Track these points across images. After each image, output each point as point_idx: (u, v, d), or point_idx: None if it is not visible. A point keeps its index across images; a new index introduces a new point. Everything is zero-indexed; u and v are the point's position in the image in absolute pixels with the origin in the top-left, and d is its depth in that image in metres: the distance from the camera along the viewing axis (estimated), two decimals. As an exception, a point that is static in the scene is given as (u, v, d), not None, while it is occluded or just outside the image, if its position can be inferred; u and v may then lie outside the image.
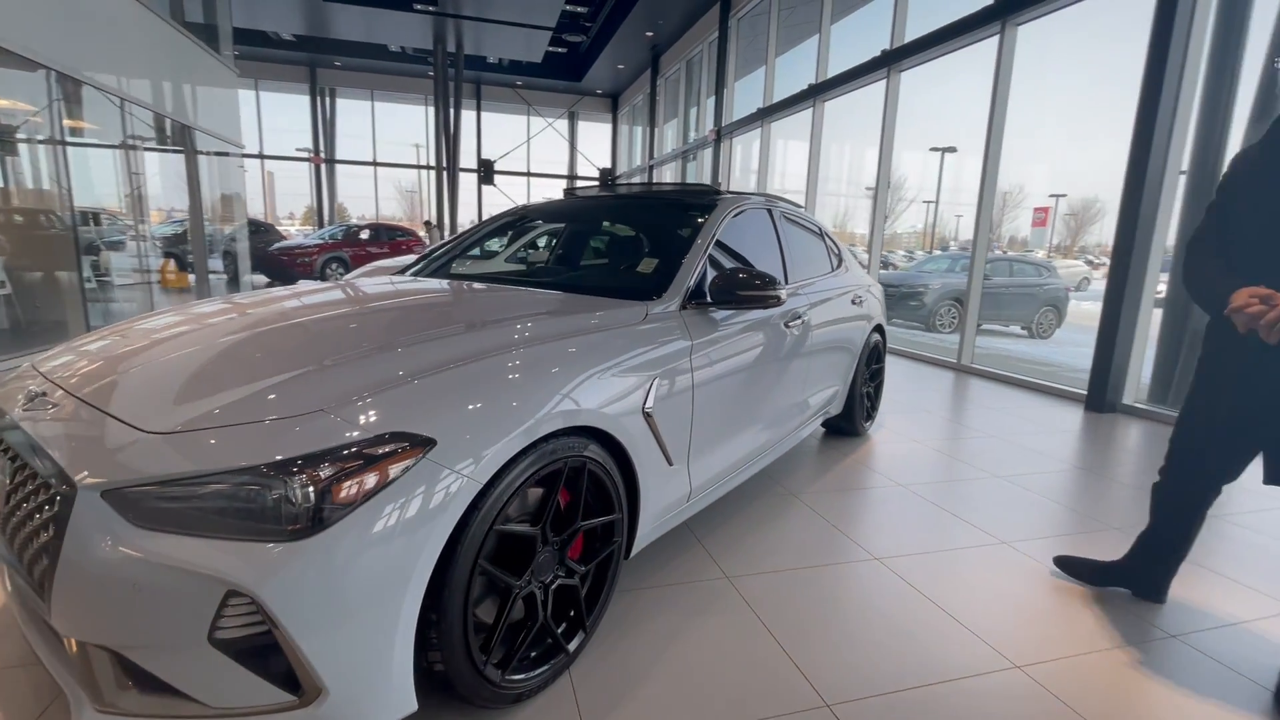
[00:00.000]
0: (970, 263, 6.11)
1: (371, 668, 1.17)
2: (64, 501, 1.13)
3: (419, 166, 18.73)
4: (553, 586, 1.53)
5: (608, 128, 19.59)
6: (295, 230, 20.72)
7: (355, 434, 1.17)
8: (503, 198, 18.55)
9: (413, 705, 1.24)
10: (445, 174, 14.39)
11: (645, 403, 1.74)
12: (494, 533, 1.32)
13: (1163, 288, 4.85)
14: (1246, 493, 2.90)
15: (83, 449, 1.19)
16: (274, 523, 1.08)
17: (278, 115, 18.76)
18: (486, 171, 17.18)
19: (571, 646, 1.59)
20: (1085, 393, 4.82)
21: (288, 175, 19.59)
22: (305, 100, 17.81)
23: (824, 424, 3.60)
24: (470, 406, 1.32)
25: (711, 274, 2.19)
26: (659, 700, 1.52)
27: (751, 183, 11.70)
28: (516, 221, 3.18)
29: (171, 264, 9.49)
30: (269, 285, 12.98)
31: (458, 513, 1.24)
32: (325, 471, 1.11)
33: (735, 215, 2.55)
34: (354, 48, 15.12)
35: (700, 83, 13.06)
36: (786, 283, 2.77)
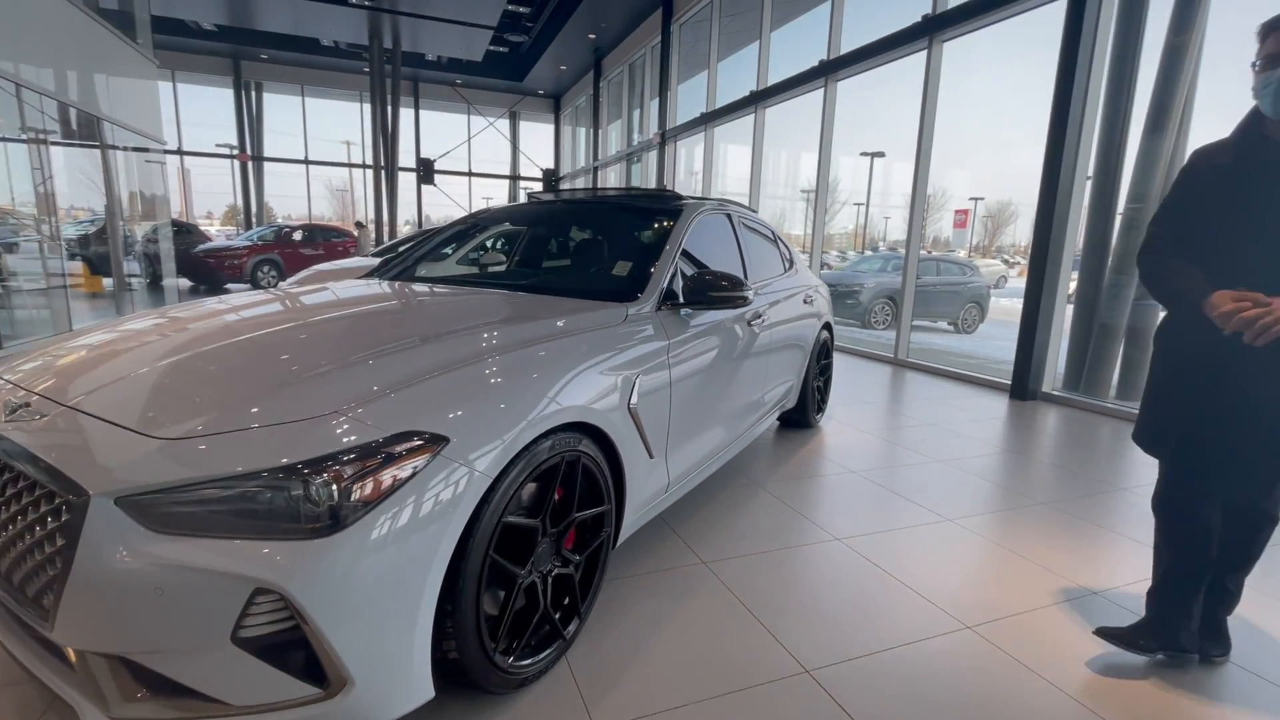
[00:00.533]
0: (904, 263, 6.50)
1: (394, 657, 1.22)
2: (75, 511, 1.12)
3: (355, 165, 18.10)
4: (551, 576, 1.61)
5: (550, 128, 19.49)
6: (216, 231, 19.64)
7: (374, 434, 1.22)
8: (443, 198, 18.19)
9: (430, 693, 1.30)
10: (384, 173, 13.99)
11: (630, 399, 1.84)
12: (502, 525, 1.39)
13: (1073, 285, 5.32)
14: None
15: (89, 457, 1.18)
16: (300, 521, 1.12)
17: (196, 109, 17.75)
18: (426, 171, 16.79)
19: (569, 632, 1.67)
20: (1009, 382, 5.24)
21: (206, 173, 18.56)
22: (228, 94, 16.90)
23: (779, 417, 3.79)
24: (478, 405, 1.38)
25: (682, 276, 2.32)
26: (652, 677, 1.63)
27: (696, 185, 11.96)
28: (487, 224, 3.21)
29: (81, 267, 8.87)
30: (193, 290, 12.29)
31: (471, 505, 1.30)
32: (348, 470, 1.16)
33: (699, 220, 2.68)
34: (282, 40, 14.48)
35: (644, 85, 13.22)
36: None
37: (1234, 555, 1.72)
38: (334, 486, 1.14)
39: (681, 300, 2.23)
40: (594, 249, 2.75)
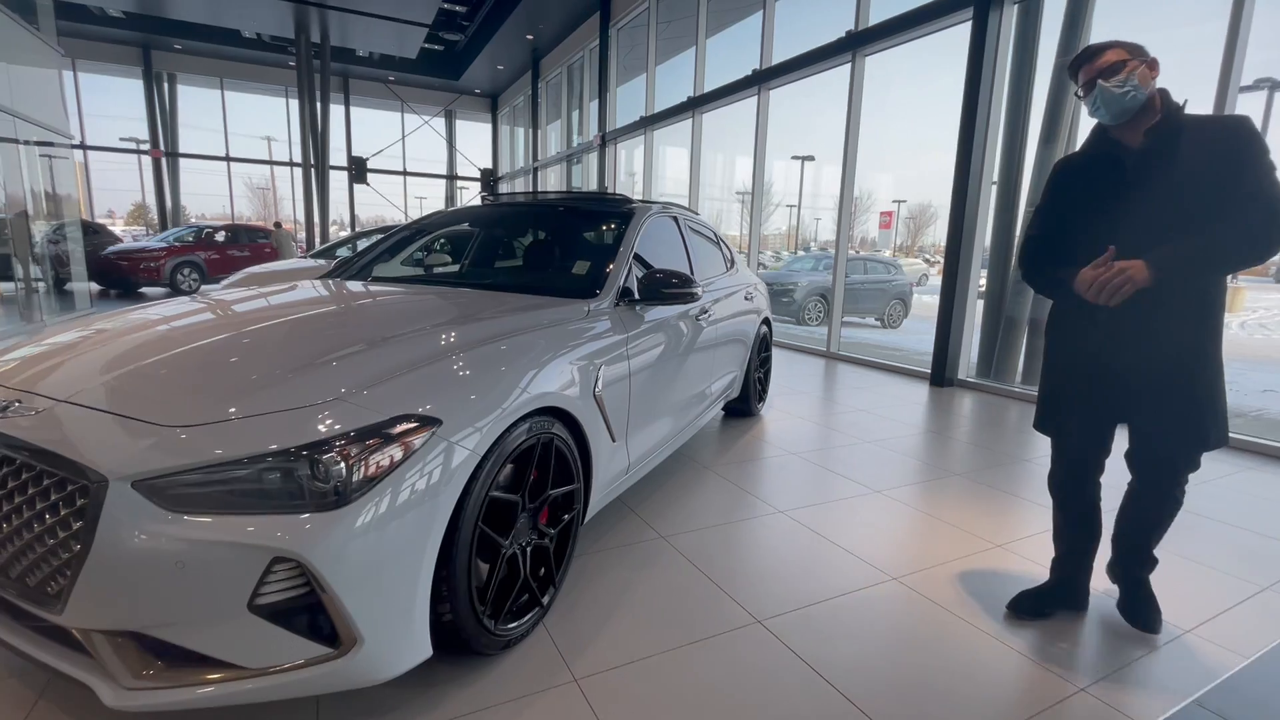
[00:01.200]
0: (834, 263, 6.93)
1: (398, 618, 1.35)
2: (93, 496, 1.20)
3: (280, 163, 17.33)
4: (529, 548, 1.76)
5: (488, 127, 19.27)
6: (122, 231, 18.38)
7: (374, 416, 1.34)
8: (377, 197, 17.70)
9: (429, 651, 1.43)
10: (314, 171, 13.52)
11: (595, 386, 2.01)
12: (488, 499, 1.54)
13: (983, 282, 5.84)
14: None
15: (102, 445, 1.25)
16: (314, 496, 1.24)
17: (99, 100, 16.57)
18: (358, 170, 16.31)
19: (545, 600, 1.83)
20: (929, 371, 5.71)
21: (108, 169, 17.32)
22: (135, 85, 15.84)
23: (724, 407, 4.04)
24: (465, 391, 1.53)
25: (635, 275, 2.50)
26: (622, 635, 1.81)
27: (635, 186, 12.18)
28: (448, 224, 3.30)
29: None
30: (103, 295, 11.51)
31: (463, 480, 1.44)
32: (355, 448, 1.28)
33: (649, 222, 2.87)
34: (198, 30, 13.73)
35: (583, 87, 13.34)
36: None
37: (1147, 523, 1.88)
38: (343, 464, 1.26)
39: (637, 297, 2.42)
40: (554, 249, 2.90)
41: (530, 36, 13.14)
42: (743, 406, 4.10)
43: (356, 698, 1.51)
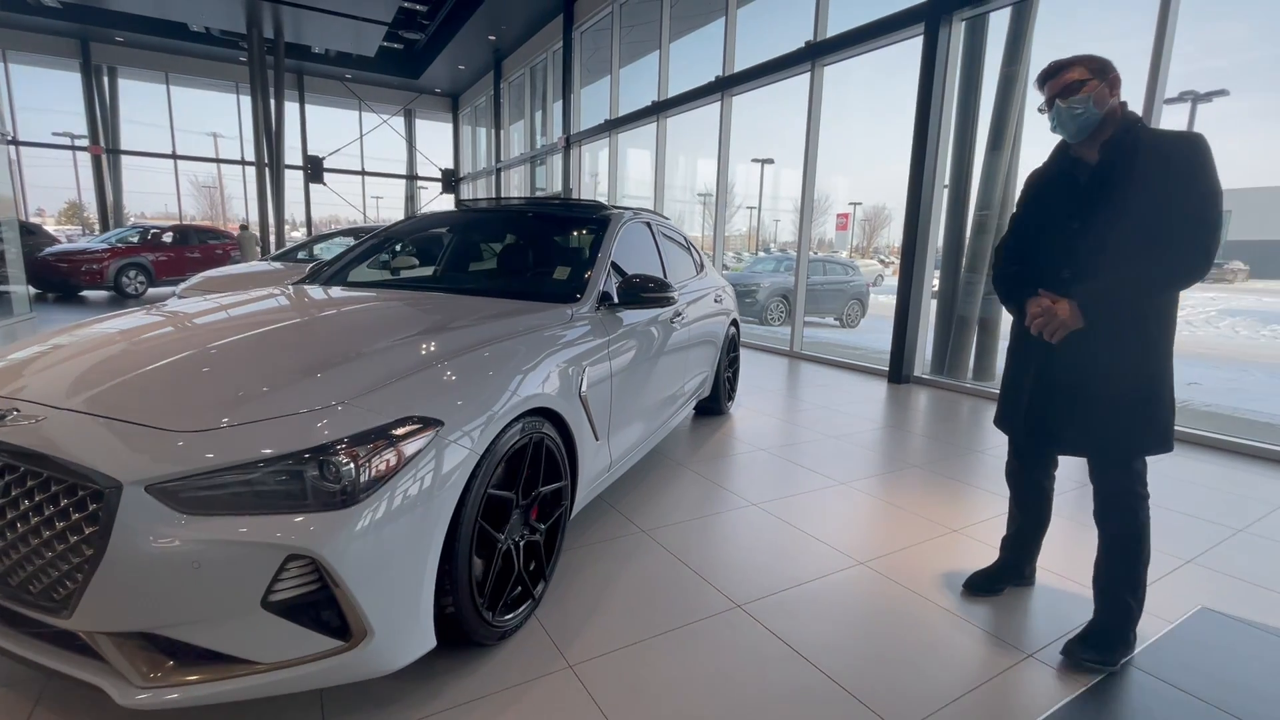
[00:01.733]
0: (796, 265, 7.16)
1: (406, 610, 1.41)
2: (107, 500, 1.23)
3: (231, 161, 16.76)
4: (522, 543, 1.84)
5: (448, 127, 19.04)
6: (56, 231, 17.47)
7: (380, 418, 1.41)
8: (334, 197, 17.30)
9: (433, 642, 1.50)
10: (268, 170, 13.14)
11: (581, 388, 2.10)
12: (486, 495, 1.61)
13: (936, 283, 6.13)
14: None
15: (112, 451, 1.28)
16: (325, 495, 1.29)
17: (30, 93, 15.76)
18: (314, 169, 15.93)
19: (537, 592, 1.91)
20: (887, 369, 5.97)
21: (39, 165, 16.44)
22: (72, 78, 15.10)
23: (695, 406, 4.17)
24: (464, 393, 1.60)
25: (613, 279, 2.60)
26: (611, 623, 1.90)
27: (600, 188, 12.26)
28: (426, 229, 3.33)
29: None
30: (40, 298, 10.96)
31: (464, 478, 1.52)
32: (363, 449, 1.34)
33: (625, 228, 2.97)
34: (142, 23, 13.19)
35: (546, 89, 13.34)
36: (667, 285, 3.26)
37: (1121, 554, 1.82)
38: (353, 464, 1.32)
39: (616, 301, 2.51)
40: (534, 254, 2.97)
41: (492, 37, 13.07)
42: (713, 405, 4.24)
43: (360, 690, 1.57)
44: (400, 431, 1.42)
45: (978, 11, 5.30)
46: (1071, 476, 3.13)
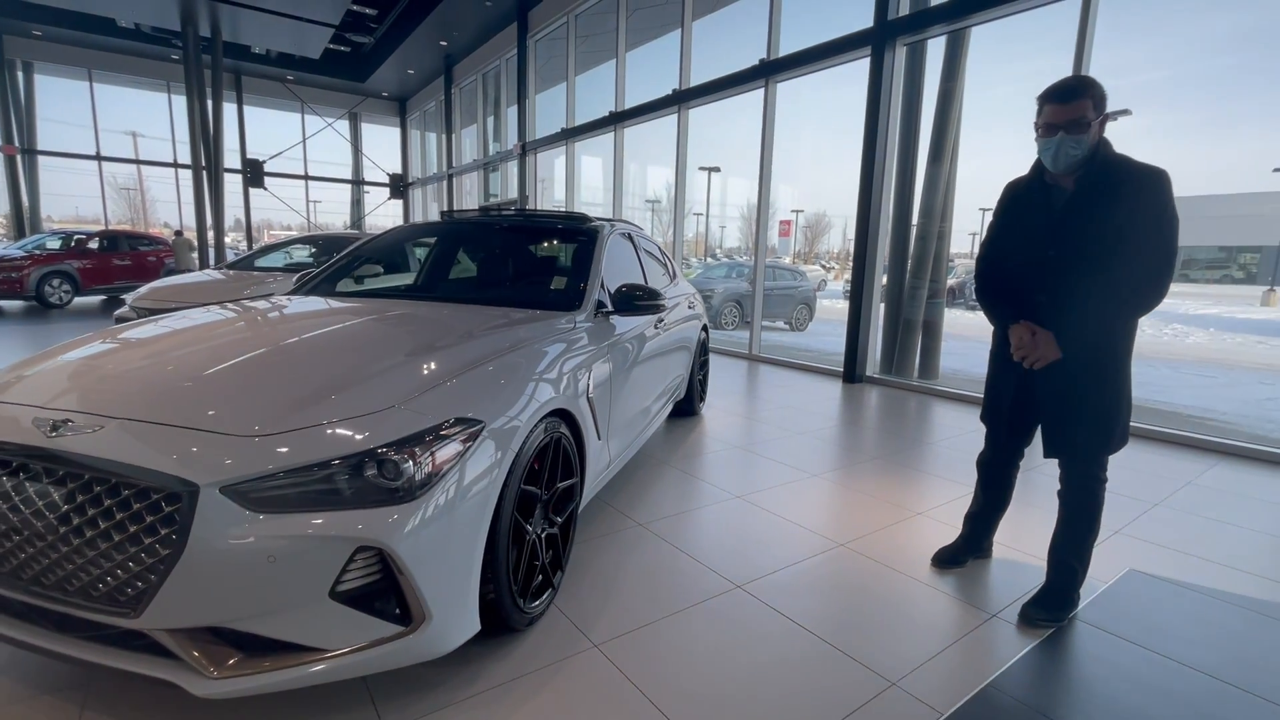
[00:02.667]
0: (754, 271, 7.48)
1: (458, 596, 1.53)
2: (185, 503, 1.30)
3: (165, 164, 15.90)
4: (543, 535, 1.98)
5: (396, 131, 18.67)
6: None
7: (432, 420, 1.53)
8: (275, 202, 16.69)
9: (478, 626, 1.62)
10: (206, 174, 12.61)
11: (588, 390, 2.25)
12: (520, 490, 1.75)
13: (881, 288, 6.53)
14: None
15: (184, 456, 1.35)
16: (389, 491, 1.41)
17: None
18: (254, 173, 15.36)
19: (556, 581, 2.05)
20: (841, 369, 6.33)
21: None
22: (-20, 72, 14.05)
23: (673, 407, 4.35)
24: (498, 395, 1.73)
25: (604, 288, 2.76)
26: (626, 608, 2.06)
27: (556, 193, 12.34)
28: (419, 239, 3.39)
29: None
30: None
31: (504, 474, 1.65)
32: (419, 448, 1.46)
33: (611, 240, 3.14)
34: (63, 16, 12.43)
35: (500, 95, 13.32)
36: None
37: (1076, 529, 2.07)
38: (411, 462, 1.44)
39: (610, 309, 2.68)
40: (531, 265, 3.10)
41: (444, 43, 12.97)
42: (687, 406, 4.44)
43: (405, 676, 1.67)
44: (449, 431, 1.54)
45: (918, 38, 5.74)
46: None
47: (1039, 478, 3.34)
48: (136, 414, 1.47)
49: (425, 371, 1.72)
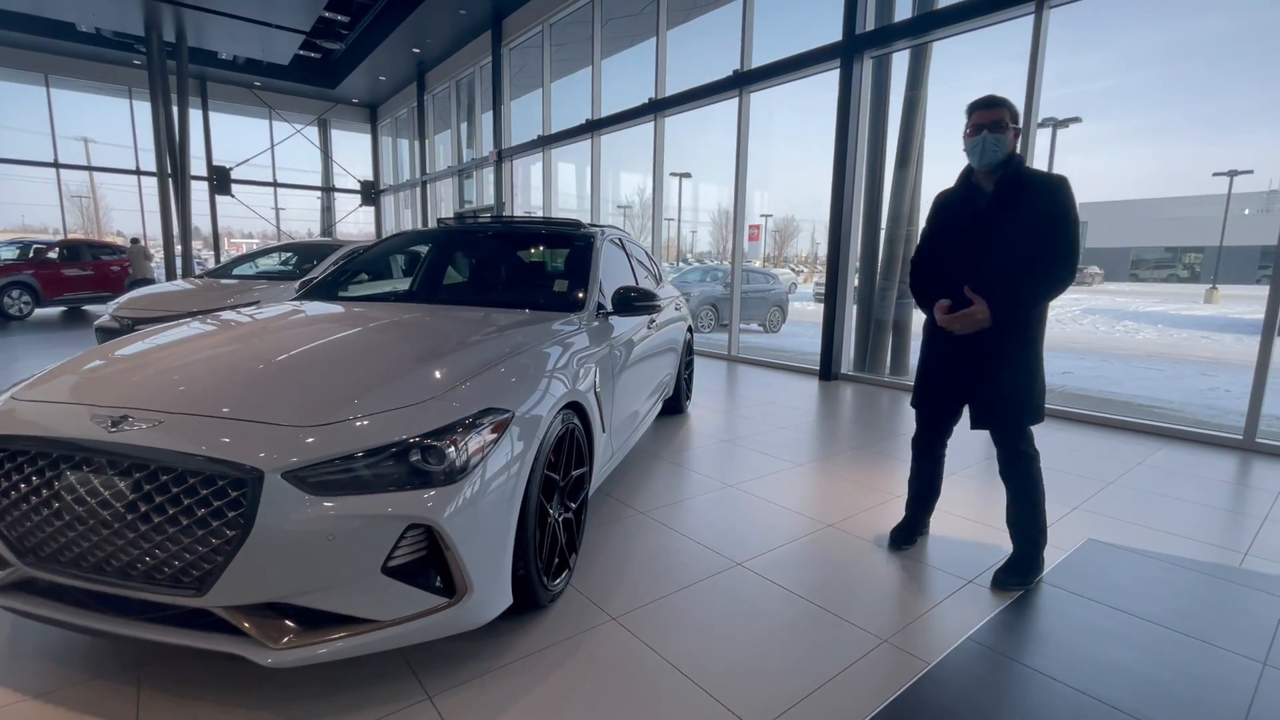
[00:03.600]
0: (732, 275, 7.71)
1: (494, 571, 1.67)
2: (250, 489, 1.42)
3: (127, 171, 15.49)
4: (560, 519, 2.12)
5: (366, 138, 18.51)
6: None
7: (468, 410, 1.67)
8: (237, 210, 16.40)
9: (510, 600, 1.76)
10: (172, 182, 12.37)
11: (595, 385, 2.41)
12: (544, 475, 1.89)
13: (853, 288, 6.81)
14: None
15: (247, 446, 1.47)
16: (433, 474, 1.54)
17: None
18: (220, 180, 15.10)
19: (572, 563, 2.19)
20: (818, 368, 6.59)
21: None
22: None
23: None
24: (522, 389, 1.88)
25: (602, 290, 2.92)
26: (637, 585, 2.21)
27: (533, 198, 12.44)
28: (422, 244, 3.51)
29: None
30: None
31: (530, 460, 1.79)
32: (460, 435, 1.60)
33: (605, 245, 3.30)
34: (18, 20, 12.07)
35: (474, 102, 13.37)
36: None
37: (1023, 501, 2.30)
38: (453, 447, 1.58)
39: (610, 309, 2.84)
40: (534, 270, 3.25)
41: (417, 50, 12.98)
42: (675, 404, 4.61)
43: (440, 649, 1.80)
44: (483, 420, 1.68)
45: (884, 51, 6.04)
46: (977, 450, 3.74)
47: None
48: (192, 409, 1.57)
49: (453, 367, 1.85)
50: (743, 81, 7.08)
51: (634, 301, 2.81)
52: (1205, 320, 16.43)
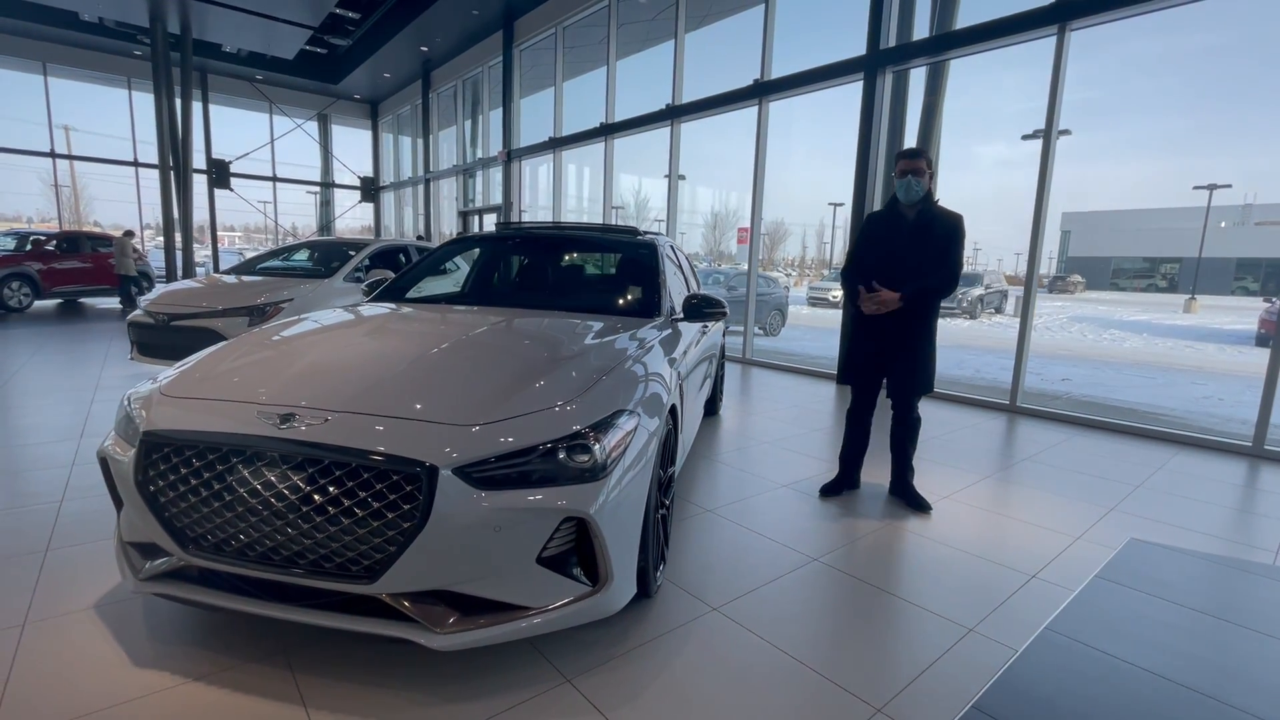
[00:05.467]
0: (748, 280, 7.88)
1: (627, 562, 1.79)
2: (426, 483, 1.52)
3: (125, 163, 15.26)
4: (661, 513, 2.24)
5: (367, 134, 18.40)
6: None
7: (604, 411, 1.78)
8: (230, 204, 16.23)
9: (634, 590, 1.88)
10: (174, 174, 12.26)
11: (680, 387, 2.53)
12: (657, 473, 2.01)
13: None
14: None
15: (420, 443, 1.56)
16: (583, 470, 1.65)
17: None
18: (220, 174, 14.95)
19: (666, 555, 2.32)
20: (835, 372, 6.76)
21: None
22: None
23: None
24: (641, 391, 2.00)
25: (671, 295, 3.05)
26: (727, 579, 2.34)
27: (540, 199, 12.51)
28: (497, 247, 3.63)
29: None
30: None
31: (655, 457, 1.92)
32: (603, 434, 1.72)
33: (665, 252, 3.42)
34: (19, 7, 11.89)
35: (480, 101, 13.40)
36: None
37: (905, 445, 3.15)
38: (598, 445, 1.69)
39: (681, 316, 2.96)
40: (603, 275, 3.36)
41: (425, 48, 12.98)
42: (710, 405, 4.75)
43: (562, 636, 1.91)
44: (619, 421, 1.80)
45: (904, 67, 6.24)
46: (1013, 454, 3.92)
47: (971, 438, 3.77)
48: (353, 407, 1.67)
49: (579, 371, 1.96)
50: (763, 91, 7.24)
51: (703, 308, 2.93)
52: (1187, 329, 16.95)
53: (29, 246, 11.34)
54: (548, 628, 1.67)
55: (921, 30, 6.20)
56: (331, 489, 1.56)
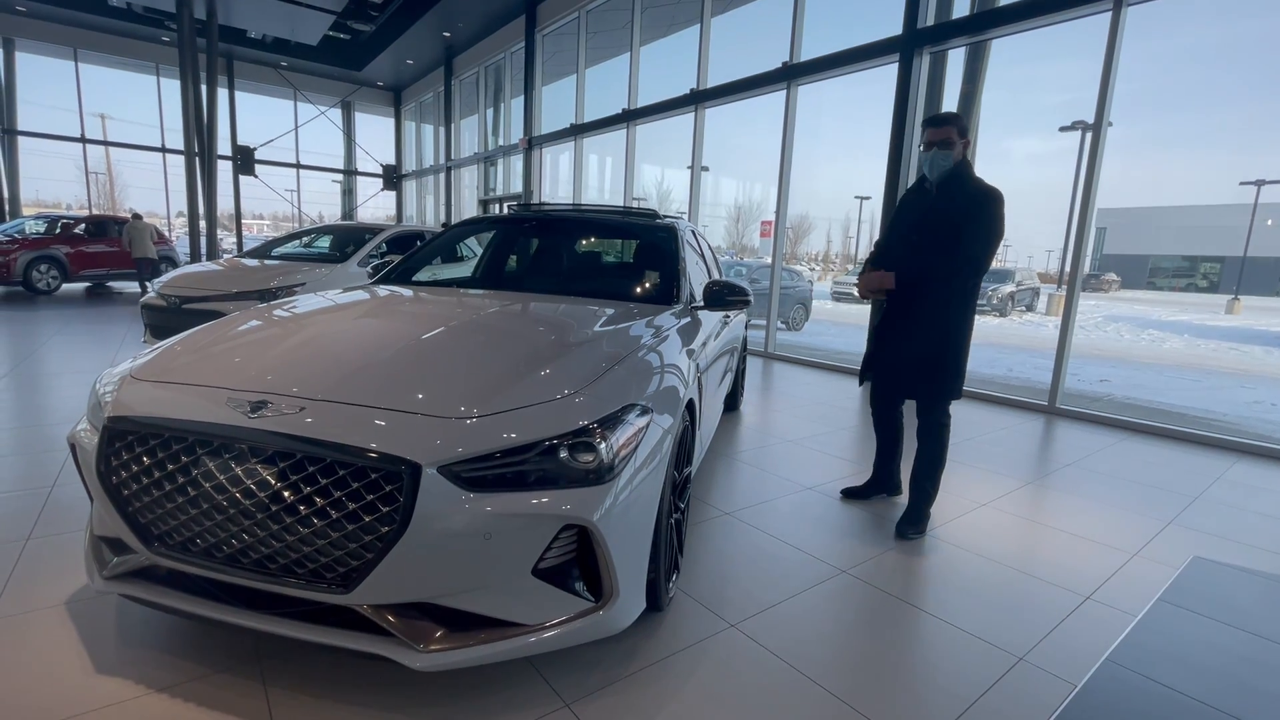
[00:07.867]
0: (772, 274, 7.62)
1: (635, 575, 1.60)
2: (408, 483, 1.34)
3: (153, 149, 15.43)
4: (675, 518, 2.05)
5: (390, 121, 18.37)
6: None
7: (612, 406, 1.59)
8: (253, 191, 16.32)
9: (644, 605, 1.69)
10: (199, 161, 12.31)
11: (698, 379, 2.32)
12: (671, 474, 1.82)
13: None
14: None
15: (401, 437, 1.39)
16: (587, 472, 1.46)
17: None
18: (244, 160, 15.04)
19: (679, 565, 2.12)
20: (858, 368, 6.47)
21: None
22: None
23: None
24: (653, 384, 1.80)
25: (691, 282, 2.84)
26: (745, 592, 2.14)
27: (561, 189, 12.34)
28: (507, 230, 3.45)
29: None
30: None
31: (669, 457, 1.72)
32: (609, 432, 1.52)
33: (685, 236, 3.21)
34: (50, -8, 12.01)
35: (502, 88, 13.25)
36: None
37: (926, 461, 2.68)
38: (604, 444, 1.50)
39: (701, 304, 2.75)
40: (620, 260, 3.16)
41: (447, 34, 12.85)
42: (731, 401, 4.53)
43: (565, 656, 1.73)
44: (629, 417, 1.60)
45: (943, 48, 5.91)
46: (1051, 462, 3.64)
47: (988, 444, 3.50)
48: (333, 396, 1.50)
49: (585, 361, 1.77)
50: (792, 74, 6.95)
51: (726, 296, 2.72)
52: (1230, 331, 16.24)
53: (58, 230, 11.49)
54: (544, 647, 1.48)
55: (962, 8, 5.87)
56: (304, 486, 1.38)
